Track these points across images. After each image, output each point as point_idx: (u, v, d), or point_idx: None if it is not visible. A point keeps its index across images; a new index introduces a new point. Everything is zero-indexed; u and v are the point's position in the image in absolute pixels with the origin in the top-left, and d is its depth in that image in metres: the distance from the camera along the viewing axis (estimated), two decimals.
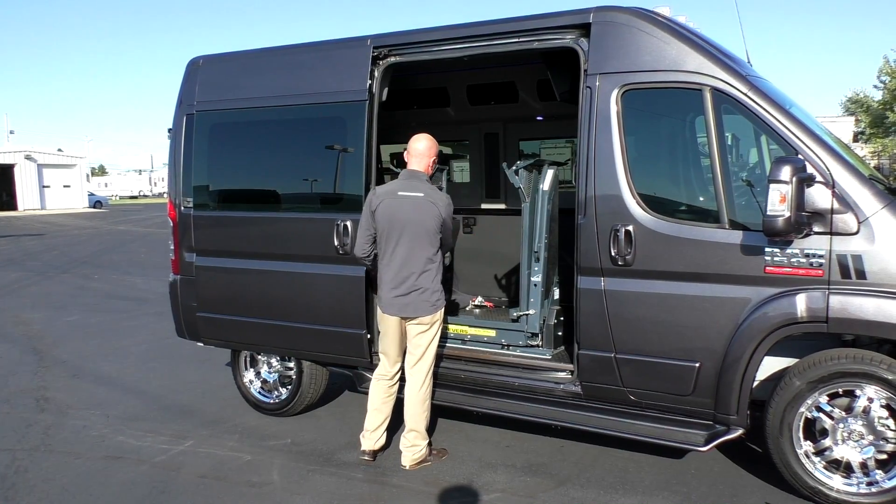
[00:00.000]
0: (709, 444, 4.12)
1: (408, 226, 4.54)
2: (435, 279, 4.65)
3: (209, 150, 5.89)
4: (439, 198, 4.61)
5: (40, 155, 55.00)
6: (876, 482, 3.90)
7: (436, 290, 4.65)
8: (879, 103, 32.55)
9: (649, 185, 4.38)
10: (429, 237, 4.57)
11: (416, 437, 4.75)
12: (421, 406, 4.74)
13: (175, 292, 6.06)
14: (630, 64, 4.29)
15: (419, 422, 4.74)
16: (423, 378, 4.74)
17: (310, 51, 5.57)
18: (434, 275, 4.64)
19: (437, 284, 4.67)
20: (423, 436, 4.78)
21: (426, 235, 4.56)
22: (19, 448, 5.31)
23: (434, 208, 4.54)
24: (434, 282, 4.64)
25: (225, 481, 4.68)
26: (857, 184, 3.81)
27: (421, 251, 4.57)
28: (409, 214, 4.53)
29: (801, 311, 3.85)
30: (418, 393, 4.74)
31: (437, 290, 4.66)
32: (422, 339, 4.69)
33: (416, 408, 4.74)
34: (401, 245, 4.57)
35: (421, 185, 4.61)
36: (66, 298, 12.55)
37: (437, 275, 4.66)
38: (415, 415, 4.73)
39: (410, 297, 4.60)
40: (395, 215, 4.55)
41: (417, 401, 4.74)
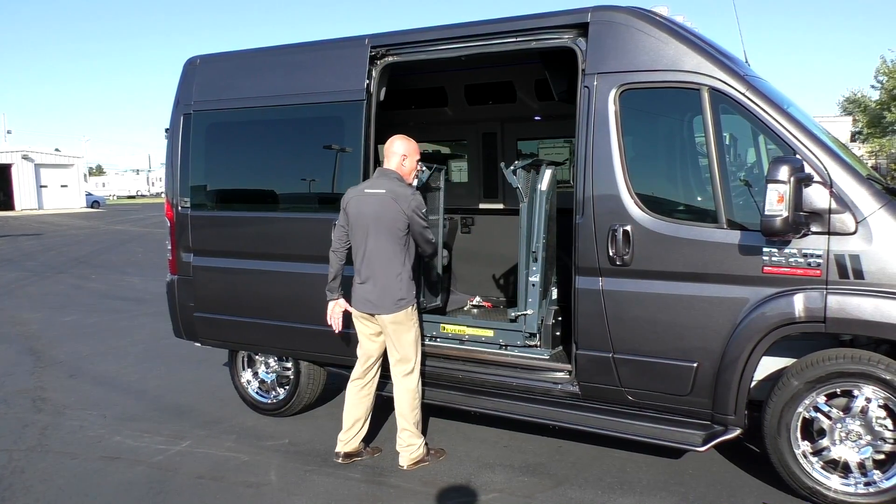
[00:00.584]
0: (707, 444, 4.12)
1: (371, 223, 4.55)
2: (398, 278, 4.57)
3: (206, 149, 5.88)
4: (402, 194, 4.53)
5: (37, 155, 54.95)
6: (874, 482, 3.90)
7: (400, 289, 4.58)
8: (877, 103, 32.62)
9: (647, 185, 4.37)
10: (390, 234, 4.53)
11: (409, 437, 4.74)
12: (408, 406, 4.72)
13: (172, 292, 6.05)
14: (628, 64, 4.28)
15: (408, 422, 4.73)
16: (403, 379, 4.72)
17: (307, 50, 5.56)
18: (397, 273, 4.57)
19: (402, 283, 4.59)
20: (416, 434, 4.77)
21: (387, 232, 4.53)
22: (16, 448, 5.30)
23: (395, 205, 4.49)
24: (398, 280, 4.57)
25: (222, 482, 4.67)
26: (854, 183, 3.81)
27: (383, 249, 4.55)
28: (372, 211, 4.54)
29: (799, 311, 3.85)
30: (403, 394, 4.73)
31: (401, 288, 4.58)
32: (393, 338, 4.66)
33: (402, 407, 4.73)
34: (365, 242, 4.60)
35: (387, 182, 4.59)
36: (64, 298, 12.53)
37: (401, 273, 4.58)
38: (403, 414, 4.73)
39: (374, 294, 4.60)
40: (360, 212, 4.59)
41: (403, 401, 4.73)
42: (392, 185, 4.58)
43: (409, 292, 4.65)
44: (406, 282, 4.63)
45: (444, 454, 4.94)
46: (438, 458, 4.88)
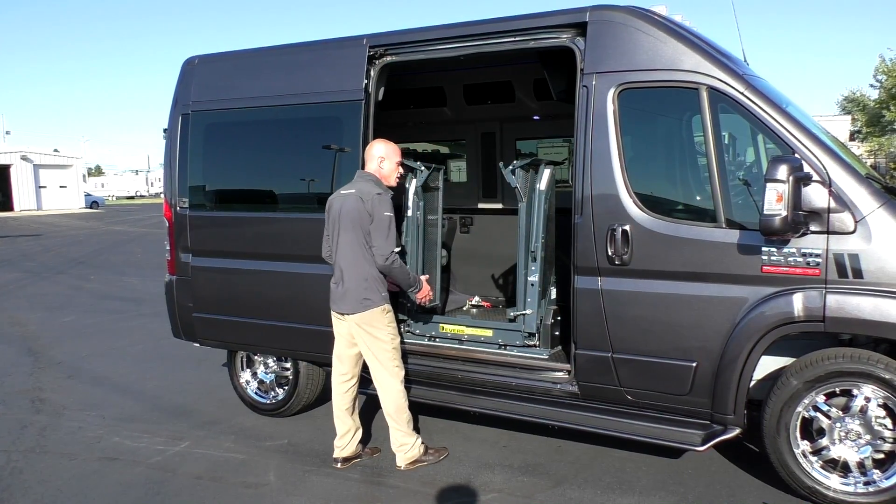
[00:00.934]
0: (706, 443, 4.11)
1: (341, 223, 4.58)
2: (365, 278, 4.54)
3: (205, 150, 5.87)
4: (369, 194, 4.49)
5: (36, 155, 54.90)
6: (873, 482, 3.90)
7: (366, 290, 4.54)
8: (876, 102, 32.63)
9: (646, 185, 4.37)
10: (356, 234, 4.52)
11: (401, 437, 4.72)
12: (392, 407, 4.69)
13: (171, 293, 6.04)
14: (626, 63, 4.28)
15: (396, 422, 4.70)
16: (381, 381, 4.69)
17: (306, 50, 5.56)
18: (364, 274, 4.54)
19: (370, 284, 4.54)
20: (407, 433, 4.74)
21: (353, 232, 4.52)
22: (14, 449, 5.29)
23: (361, 205, 4.48)
24: (364, 280, 4.54)
25: (221, 482, 4.67)
26: (853, 183, 3.80)
27: (351, 248, 4.55)
28: (343, 211, 4.56)
29: (798, 311, 3.84)
30: (385, 395, 4.71)
31: (367, 289, 4.54)
32: (363, 340, 4.64)
33: (388, 408, 4.72)
34: (337, 241, 4.62)
35: (359, 183, 4.60)
36: (63, 299, 12.52)
37: (368, 274, 4.54)
38: (390, 415, 4.72)
39: (342, 294, 4.61)
40: (334, 212, 4.64)
41: (387, 403, 4.71)
42: (363, 185, 4.57)
43: (378, 293, 4.58)
44: (375, 282, 4.57)
45: (445, 452, 4.92)
46: (440, 456, 4.86)
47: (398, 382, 4.71)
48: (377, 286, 4.59)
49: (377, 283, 4.59)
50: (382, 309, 4.61)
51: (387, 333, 4.65)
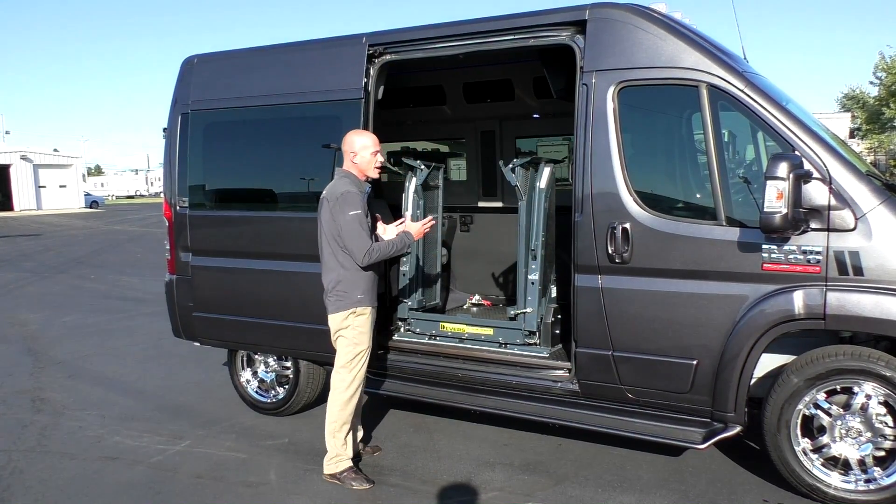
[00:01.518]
0: (707, 441, 4.11)
1: (319, 225, 4.54)
2: (336, 280, 4.47)
3: (204, 149, 5.87)
4: (333, 195, 4.40)
5: (36, 155, 54.89)
6: (874, 479, 3.90)
7: (336, 291, 4.47)
8: (875, 99, 32.64)
9: (646, 183, 4.37)
10: (327, 236, 4.46)
11: (329, 445, 4.56)
12: (329, 414, 4.54)
13: (171, 292, 6.04)
14: (626, 61, 4.27)
15: (328, 430, 4.54)
16: (333, 385, 4.56)
17: (305, 49, 5.55)
18: (336, 276, 4.47)
19: (341, 286, 4.46)
20: (334, 446, 4.53)
21: (324, 234, 4.48)
22: (15, 449, 5.29)
23: (327, 206, 4.42)
24: (336, 282, 4.47)
25: (222, 481, 4.67)
26: (854, 180, 3.80)
27: (324, 250, 4.51)
28: (321, 212, 4.51)
29: (799, 308, 3.84)
30: (330, 402, 4.56)
31: (337, 290, 4.47)
32: (334, 340, 4.58)
33: (329, 414, 4.55)
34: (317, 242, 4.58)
35: (334, 183, 4.52)
36: (63, 299, 12.52)
37: (339, 276, 4.46)
38: (327, 420, 4.56)
39: (324, 296, 4.57)
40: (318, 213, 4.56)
41: (328, 406, 4.57)
42: (334, 184, 4.49)
43: (348, 296, 4.45)
44: (346, 284, 4.45)
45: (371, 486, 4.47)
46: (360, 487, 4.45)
47: (343, 393, 4.51)
48: (349, 288, 4.46)
49: (349, 286, 4.45)
50: (352, 312, 4.47)
51: (350, 340, 4.50)
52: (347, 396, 4.53)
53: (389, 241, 4.52)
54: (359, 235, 4.35)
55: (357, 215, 4.34)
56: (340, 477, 4.52)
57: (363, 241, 4.36)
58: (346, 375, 4.53)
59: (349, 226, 4.34)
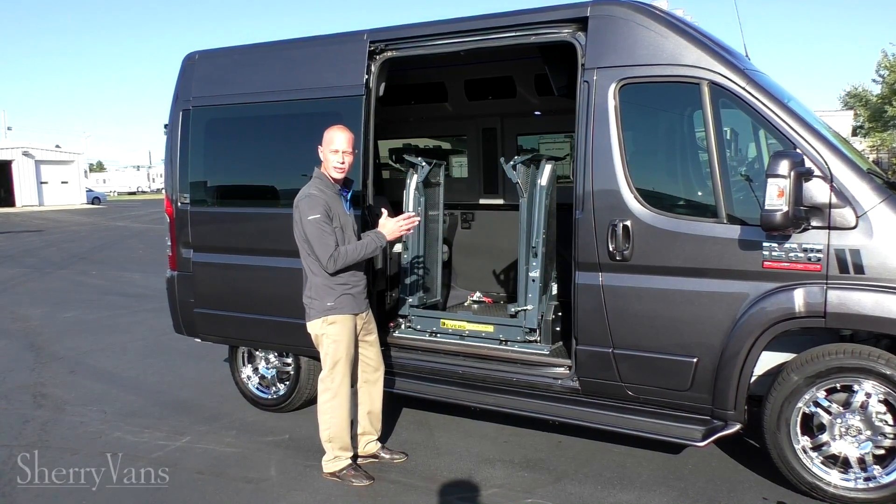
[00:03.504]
0: (706, 439, 4.11)
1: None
2: (308, 287, 4.45)
3: (205, 145, 5.87)
4: (298, 198, 4.35)
5: (38, 151, 54.98)
6: (874, 477, 3.90)
7: (307, 297, 4.45)
8: (878, 97, 32.56)
9: (647, 180, 4.36)
10: (298, 242, 4.42)
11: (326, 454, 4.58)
12: (319, 422, 4.55)
13: (172, 288, 6.05)
14: (627, 58, 4.26)
15: (323, 443, 4.56)
16: (319, 392, 4.57)
17: (306, 46, 5.55)
18: (308, 283, 4.45)
19: (312, 292, 4.43)
20: (328, 450, 4.56)
21: (296, 240, 4.43)
22: (16, 444, 5.30)
23: (294, 210, 4.37)
24: (308, 288, 4.44)
25: (222, 477, 4.67)
26: (855, 178, 3.79)
27: (301, 256, 4.48)
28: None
29: (799, 306, 3.84)
30: (318, 403, 4.58)
31: (310, 297, 4.44)
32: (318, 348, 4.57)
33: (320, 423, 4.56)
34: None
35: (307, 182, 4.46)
36: (64, 294, 12.54)
37: (310, 282, 4.44)
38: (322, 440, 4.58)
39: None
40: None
41: (318, 411, 4.57)
42: (304, 187, 4.42)
43: (319, 304, 4.40)
44: (316, 291, 4.40)
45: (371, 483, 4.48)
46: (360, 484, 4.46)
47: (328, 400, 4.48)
48: (319, 295, 4.40)
49: (319, 293, 4.40)
50: (323, 320, 4.41)
51: (325, 349, 4.46)
52: (335, 405, 4.50)
53: (357, 244, 4.37)
54: (320, 240, 4.23)
55: (316, 219, 4.22)
56: (340, 475, 4.53)
57: (326, 245, 4.24)
58: (330, 384, 4.50)
59: (310, 230, 4.24)
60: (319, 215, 4.24)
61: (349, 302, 4.46)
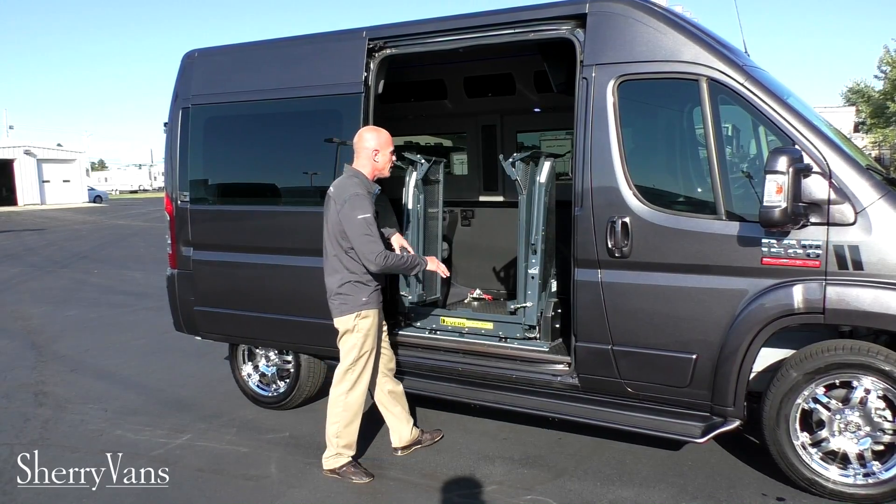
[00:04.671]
0: (706, 435, 4.12)
1: (324, 224, 4.50)
2: (340, 283, 4.44)
3: (205, 143, 5.87)
4: (340, 196, 4.34)
5: (40, 150, 55.04)
6: (873, 473, 3.90)
7: (339, 294, 4.44)
8: (880, 93, 32.44)
9: (646, 177, 4.36)
10: (332, 236, 4.42)
11: (329, 443, 4.59)
12: (331, 414, 4.56)
13: (173, 287, 6.06)
14: (626, 55, 4.26)
15: (328, 431, 4.56)
16: (337, 385, 4.56)
17: (305, 43, 5.55)
18: (339, 278, 4.43)
19: (344, 288, 4.43)
20: (333, 445, 4.56)
21: (330, 234, 4.43)
22: (17, 442, 5.31)
23: (334, 208, 4.36)
24: (339, 285, 4.44)
25: (222, 474, 4.69)
26: (854, 174, 3.79)
27: (329, 251, 4.48)
28: (327, 212, 4.47)
29: (798, 303, 3.83)
30: (330, 399, 4.59)
31: (341, 293, 4.44)
32: (339, 342, 4.57)
33: (328, 413, 4.58)
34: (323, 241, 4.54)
35: (343, 182, 4.44)
36: (66, 293, 12.56)
37: (343, 278, 4.43)
38: (328, 421, 4.58)
39: (328, 297, 4.55)
40: (324, 211, 4.52)
41: (329, 407, 4.58)
42: (341, 183, 4.42)
43: (353, 300, 4.43)
44: (351, 287, 4.42)
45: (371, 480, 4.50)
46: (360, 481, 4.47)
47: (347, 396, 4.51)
48: (354, 291, 4.43)
49: (354, 288, 4.43)
50: (357, 315, 4.44)
51: (353, 343, 4.48)
52: (353, 397, 4.54)
53: (407, 255, 4.61)
54: (370, 240, 4.29)
55: (366, 219, 4.28)
56: (340, 472, 4.54)
57: (375, 244, 4.30)
58: (350, 377, 4.53)
59: (359, 230, 4.27)
60: (369, 214, 4.31)
61: (377, 297, 4.58)
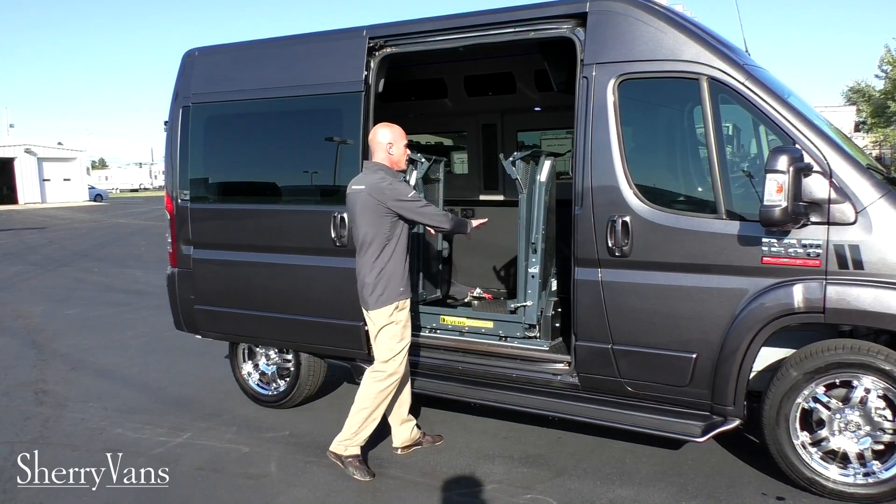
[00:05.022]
0: (706, 434, 4.12)
1: (356, 218, 4.50)
2: (378, 274, 4.46)
3: (205, 142, 5.87)
4: (380, 188, 4.37)
5: (40, 148, 55.02)
6: (873, 473, 3.90)
7: (377, 285, 4.46)
8: (881, 93, 32.39)
9: (646, 176, 4.35)
10: (370, 230, 4.43)
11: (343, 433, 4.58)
12: (359, 401, 4.56)
13: (173, 285, 6.06)
14: (627, 53, 4.25)
15: (348, 423, 4.56)
16: (369, 375, 4.59)
17: (305, 42, 5.55)
18: (378, 270, 4.45)
19: (382, 280, 4.46)
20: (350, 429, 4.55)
21: (367, 228, 4.44)
22: (18, 441, 5.31)
23: (372, 200, 4.38)
24: (377, 276, 4.46)
25: (222, 473, 4.69)
26: (854, 173, 3.78)
27: (366, 244, 4.48)
28: (356, 208, 4.48)
29: (799, 302, 3.83)
30: (361, 390, 4.59)
31: (379, 284, 4.45)
32: (374, 335, 4.57)
33: (356, 403, 4.58)
34: (355, 237, 4.56)
35: (369, 177, 4.47)
36: (66, 292, 12.56)
37: (382, 270, 4.45)
38: (352, 411, 4.58)
39: (360, 287, 4.55)
40: (350, 208, 4.58)
41: (358, 398, 4.58)
42: (373, 178, 4.44)
43: (390, 290, 4.48)
44: (389, 276, 4.47)
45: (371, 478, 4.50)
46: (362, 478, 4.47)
47: (385, 386, 4.53)
48: (392, 279, 4.49)
49: (392, 277, 4.49)
50: (396, 306, 4.50)
51: (393, 335, 4.53)
52: (384, 388, 4.56)
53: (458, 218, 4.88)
54: (430, 208, 4.58)
55: (415, 195, 4.53)
56: (344, 461, 4.54)
57: (435, 209, 4.67)
58: (388, 367, 4.54)
59: (416, 206, 4.47)
60: (414, 192, 4.57)
61: (409, 285, 4.66)
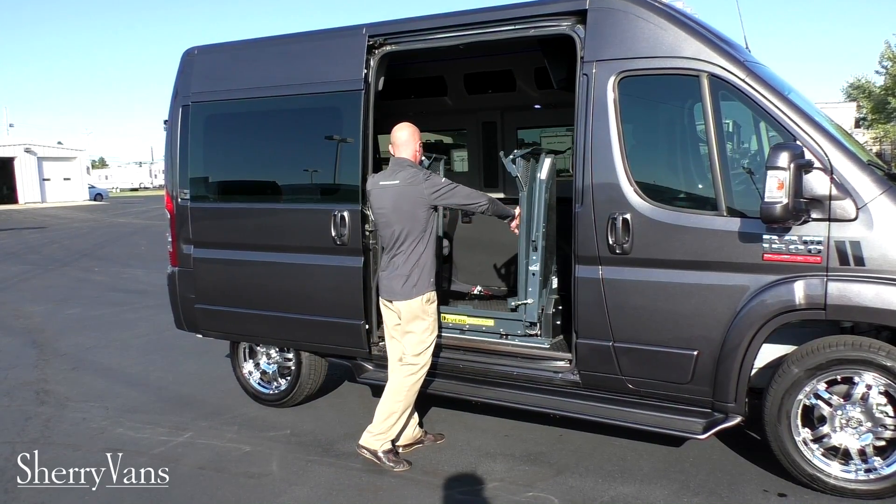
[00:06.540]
0: (707, 431, 4.11)
1: (390, 214, 4.51)
2: (414, 264, 4.50)
3: (205, 141, 5.86)
4: (418, 181, 4.45)
5: (40, 148, 54.97)
6: (874, 469, 3.90)
7: (410, 276, 4.50)
8: (881, 89, 32.38)
9: (647, 173, 4.35)
10: (407, 223, 4.47)
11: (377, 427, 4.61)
12: (391, 395, 4.60)
13: (173, 284, 6.06)
14: (627, 50, 4.25)
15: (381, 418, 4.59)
16: (402, 372, 4.61)
17: (305, 40, 5.54)
18: (414, 260, 4.50)
19: (417, 270, 4.51)
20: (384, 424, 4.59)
21: (404, 221, 4.47)
22: (19, 440, 5.32)
23: (412, 194, 4.44)
24: (412, 267, 4.50)
25: (224, 472, 4.69)
26: (855, 170, 3.78)
27: (400, 238, 4.50)
28: (390, 203, 4.49)
29: (800, 299, 3.83)
30: (391, 385, 4.64)
31: (410, 275, 4.50)
32: (406, 327, 4.59)
33: (384, 400, 4.63)
34: (386, 232, 4.57)
35: (401, 171, 4.52)
36: (67, 291, 12.57)
37: (418, 262, 4.51)
38: (380, 409, 4.62)
39: (393, 281, 4.56)
40: (380, 205, 4.57)
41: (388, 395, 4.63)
42: (405, 173, 4.50)
43: (423, 280, 4.55)
44: (422, 267, 4.54)
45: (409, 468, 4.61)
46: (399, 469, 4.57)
47: (415, 380, 4.61)
48: (427, 270, 4.55)
49: (426, 268, 4.55)
50: (426, 298, 4.56)
51: (425, 328, 4.59)
52: (418, 380, 4.63)
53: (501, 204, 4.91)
54: (468, 190, 4.67)
55: (450, 181, 4.62)
56: (380, 456, 4.59)
57: (473, 190, 4.75)
58: (420, 360, 4.61)
59: (453, 190, 4.56)
60: (446, 179, 4.68)
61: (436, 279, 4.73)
